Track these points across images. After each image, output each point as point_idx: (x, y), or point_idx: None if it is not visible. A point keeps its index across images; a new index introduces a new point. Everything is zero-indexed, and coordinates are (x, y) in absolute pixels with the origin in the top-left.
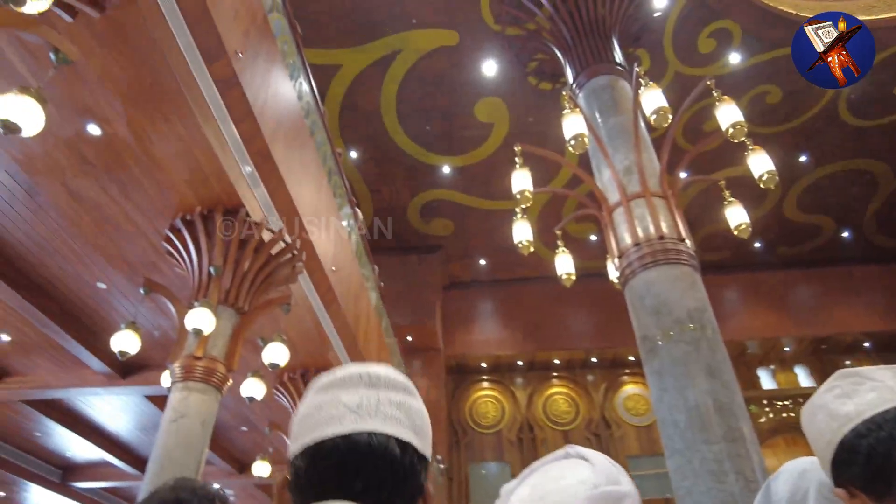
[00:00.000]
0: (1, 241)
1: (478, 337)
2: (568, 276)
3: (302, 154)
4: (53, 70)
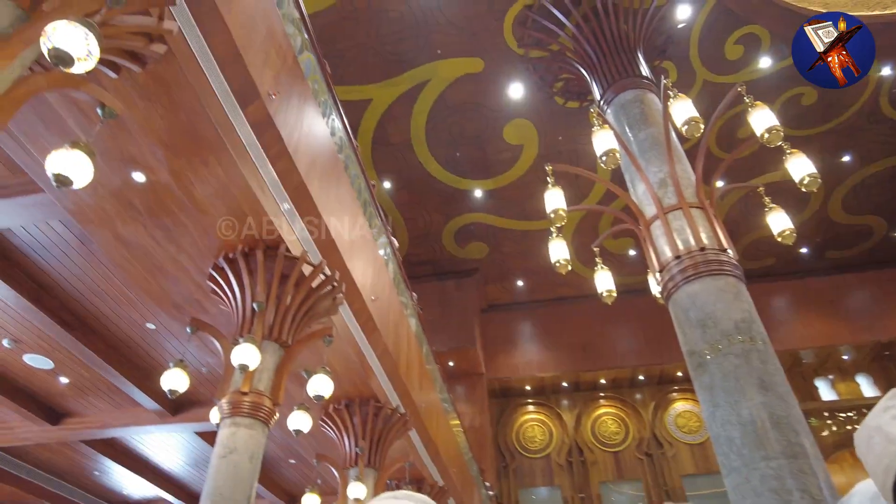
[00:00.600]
0: (58, 288)
1: (520, 359)
2: (609, 293)
3: (337, 188)
4: (100, 124)
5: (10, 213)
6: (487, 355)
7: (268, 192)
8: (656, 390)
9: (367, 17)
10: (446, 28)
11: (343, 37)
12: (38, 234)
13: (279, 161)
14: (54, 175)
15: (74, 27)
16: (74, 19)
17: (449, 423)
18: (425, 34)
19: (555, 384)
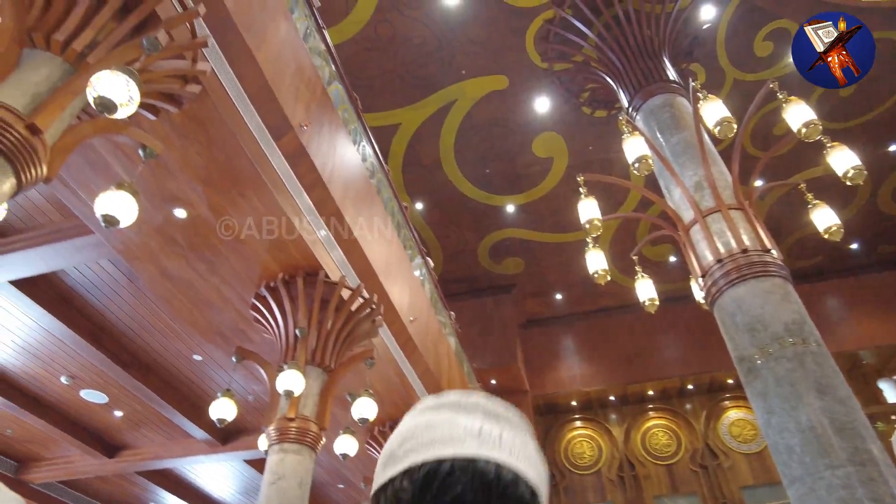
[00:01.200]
0: (110, 325)
1: (564, 374)
2: (651, 301)
3: (371, 212)
4: (142, 164)
5: (65, 255)
6: (530, 371)
7: (304, 220)
8: (707, 399)
9: (392, 45)
10: (469, 48)
11: (369, 65)
12: (90, 273)
13: (314, 190)
14: (102, 216)
15: (116, 76)
16: (116, 68)
17: None
18: (449, 56)
19: (601, 398)
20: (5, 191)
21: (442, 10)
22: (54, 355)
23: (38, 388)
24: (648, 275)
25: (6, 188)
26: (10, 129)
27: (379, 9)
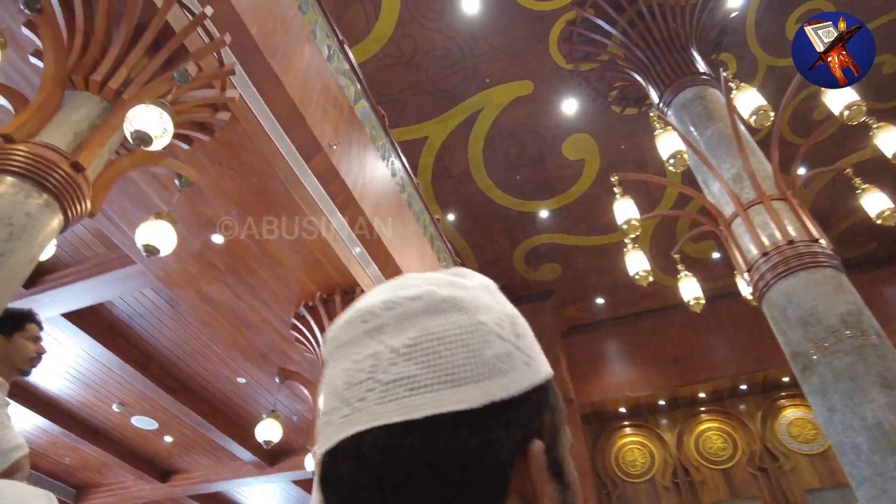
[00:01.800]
0: (155, 352)
1: (610, 381)
2: (696, 300)
3: (403, 226)
4: (179, 193)
5: (110, 286)
6: (575, 380)
7: (339, 239)
8: (761, 399)
9: (414, 59)
10: (492, 56)
11: (393, 80)
12: (135, 302)
13: (347, 208)
14: (143, 245)
15: (150, 109)
16: (150, 102)
17: None
18: (472, 66)
19: (650, 403)
20: (54, 227)
21: (462, 20)
22: (105, 384)
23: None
24: (692, 273)
25: (55, 225)
26: (56, 168)
27: (400, 24)
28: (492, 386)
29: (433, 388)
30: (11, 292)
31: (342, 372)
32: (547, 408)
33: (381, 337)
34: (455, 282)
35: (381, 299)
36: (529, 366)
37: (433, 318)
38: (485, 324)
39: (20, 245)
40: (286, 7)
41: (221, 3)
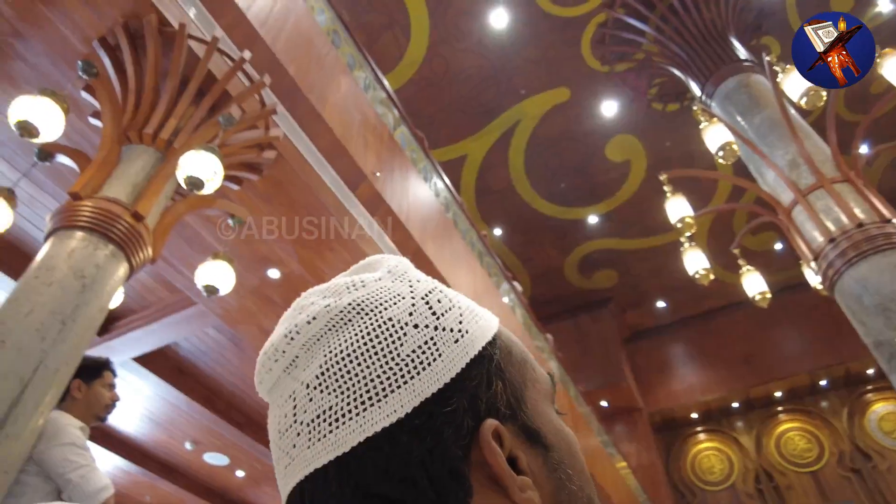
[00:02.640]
0: (221, 388)
1: (678, 386)
2: (762, 295)
3: (451, 245)
4: (233, 232)
5: (174, 328)
6: (642, 387)
7: None
8: (846, 394)
9: (447, 79)
10: (524, 67)
11: (429, 103)
12: (198, 342)
13: (395, 232)
14: (204, 286)
15: (200, 154)
16: (199, 147)
17: (615, 466)
18: (505, 79)
19: (723, 406)
20: (121, 276)
21: (491, 35)
22: (177, 423)
23: (167, 455)
24: (755, 267)
25: (121, 273)
26: (119, 219)
27: (430, 47)
28: (418, 384)
29: (355, 413)
30: (88, 341)
31: (274, 420)
32: (494, 375)
33: (296, 372)
34: (355, 282)
35: (282, 332)
36: (459, 342)
37: (336, 335)
38: (392, 319)
39: (92, 295)
40: (320, 44)
41: (258, 46)
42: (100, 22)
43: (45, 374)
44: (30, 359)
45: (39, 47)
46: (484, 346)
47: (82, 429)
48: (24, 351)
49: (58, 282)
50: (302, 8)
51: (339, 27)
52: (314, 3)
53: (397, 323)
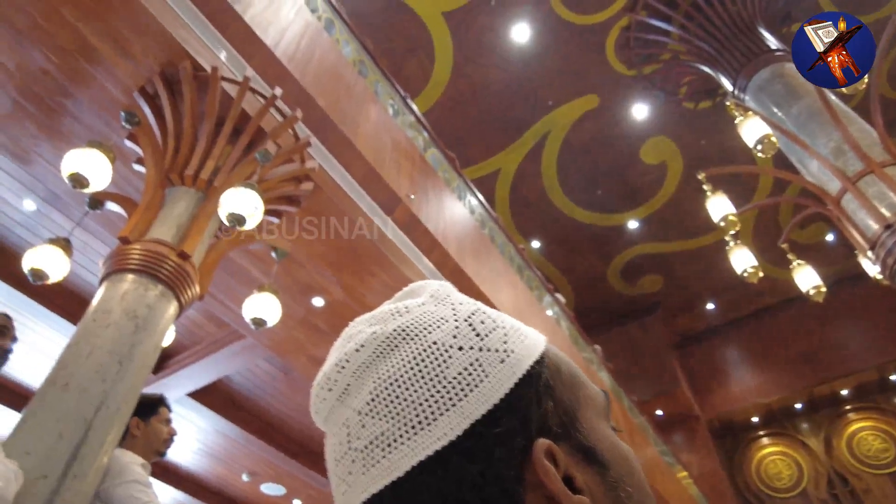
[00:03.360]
0: (274, 419)
1: (735, 389)
2: (817, 289)
3: (490, 261)
4: (276, 265)
5: (226, 362)
6: (697, 393)
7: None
8: None
9: (474, 97)
10: (550, 78)
11: (458, 122)
12: (250, 374)
13: (432, 252)
14: (251, 319)
15: (240, 191)
16: (239, 185)
17: (676, 477)
18: (532, 92)
19: (785, 408)
20: (171, 314)
21: (514, 49)
22: (233, 455)
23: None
24: (806, 261)
25: (171, 312)
26: (166, 259)
27: (455, 67)
28: (467, 406)
29: (406, 438)
30: (144, 379)
31: (330, 448)
32: (544, 394)
33: (348, 400)
34: (399, 308)
35: (333, 361)
36: (505, 362)
37: (384, 362)
38: (437, 343)
39: (146, 335)
40: (348, 75)
41: (288, 82)
42: (138, 73)
43: (107, 413)
44: (92, 400)
45: (86, 103)
46: (531, 365)
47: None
48: (86, 392)
49: (114, 323)
50: (327, 41)
51: (365, 57)
52: (339, 35)
53: (442, 346)
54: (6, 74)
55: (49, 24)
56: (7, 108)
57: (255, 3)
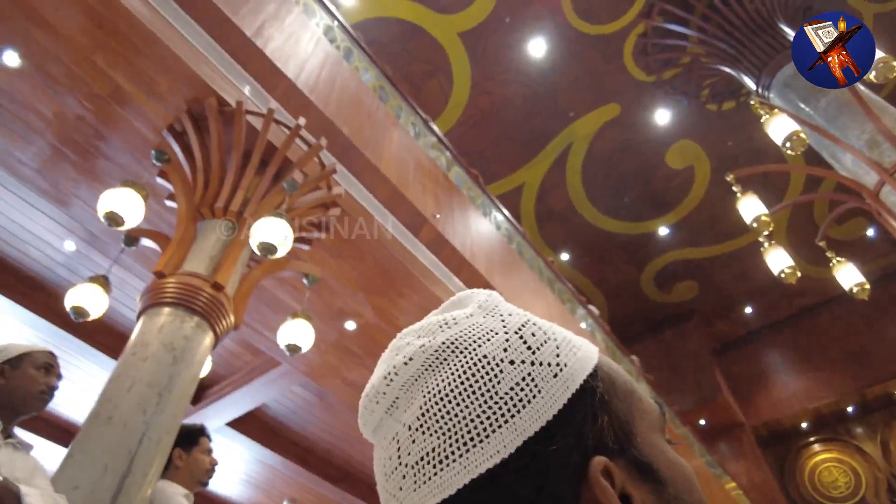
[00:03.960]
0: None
1: (781, 394)
2: (860, 286)
3: (520, 276)
4: (308, 291)
5: (262, 390)
6: (740, 400)
7: None
8: None
9: (495, 113)
10: (569, 90)
11: (480, 139)
12: (286, 401)
13: (461, 270)
14: (286, 346)
15: (270, 221)
16: (268, 214)
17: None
18: (552, 104)
19: (836, 411)
20: (207, 345)
21: (531, 64)
22: (272, 483)
23: None
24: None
25: (207, 342)
26: (201, 291)
27: (473, 86)
28: (520, 423)
29: (458, 455)
30: (183, 410)
31: (379, 462)
32: (599, 409)
33: (397, 414)
34: (447, 320)
35: (381, 373)
36: (558, 376)
37: (433, 375)
38: (487, 356)
39: (184, 366)
40: (369, 102)
41: (312, 112)
42: (167, 112)
43: (149, 445)
44: (134, 432)
45: (118, 144)
46: (585, 380)
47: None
48: (128, 425)
49: (152, 356)
50: (347, 70)
51: (385, 83)
52: (358, 63)
53: (493, 360)
54: (45, 122)
55: (82, 71)
56: (47, 155)
57: (276, 37)
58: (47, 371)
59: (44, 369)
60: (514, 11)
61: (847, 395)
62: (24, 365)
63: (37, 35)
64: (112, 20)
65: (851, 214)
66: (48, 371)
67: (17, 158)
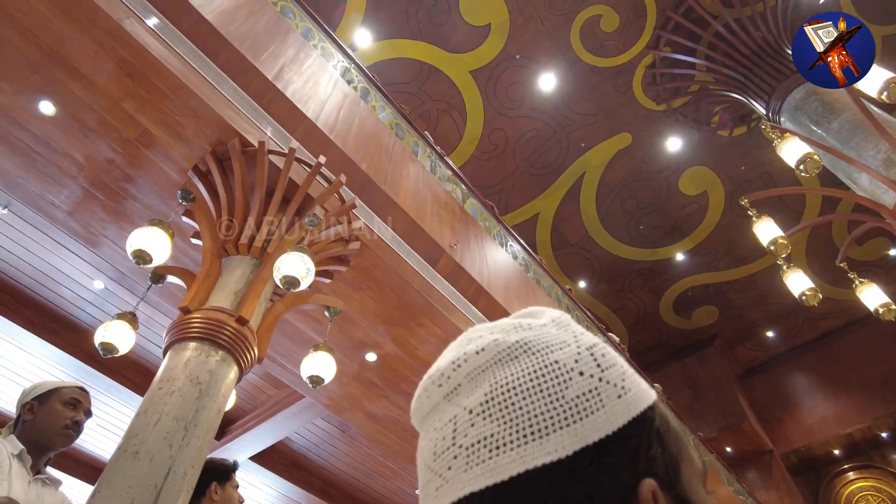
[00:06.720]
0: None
1: (810, 420)
2: (885, 307)
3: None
4: (330, 323)
5: (285, 423)
6: (767, 427)
7: None
8: None
9: (508, 147)
10: (581, 122)
11: (494, 173)
12: (309, 434)
13: (479, 300)
14: (309, 378)
15: (292, 256)
16: (291, 250)
17: None
18: (564, 136)
19: (869, 437)
20: (232, 379)
21: (543, 98)
22: None
23: None
24: (869, 278)
25: (232, 376)
26: (225, 326)
27: (487, 122)
28: (581, 429)
29: (516, 445)
30: (209, 444)
31: (429, 443)
32: (654, 439)
33: (458, 399)
34: (522, 324)
35: (449, 359)
36: (622, 398)
37: (503, 368)
38: (559, 362)
39: (209, 400)
40: (386, 139)
41: (331, 150)
42: (192, 154)
43: (175, 479)
44: (161, 465)
45: (146, 185)
46: (644, 410)
47: None
48: (155, 459)
49: (178, 390)
50: (364, 109)
51: (401, 120)
52: (374, 102)
53: (564, 367)
54: (77, 167)
55: (113, 118)
56: (78, 197)
57: (295, 80)
58: (74, 406)
59: (70, 405)
60: (523, 49)
61: (880, 420)
62: (52, 401)
63: (71, 85)
64: (141, 70)
65: (871, 234)
66: (75, 407)
67: (51, 202)
